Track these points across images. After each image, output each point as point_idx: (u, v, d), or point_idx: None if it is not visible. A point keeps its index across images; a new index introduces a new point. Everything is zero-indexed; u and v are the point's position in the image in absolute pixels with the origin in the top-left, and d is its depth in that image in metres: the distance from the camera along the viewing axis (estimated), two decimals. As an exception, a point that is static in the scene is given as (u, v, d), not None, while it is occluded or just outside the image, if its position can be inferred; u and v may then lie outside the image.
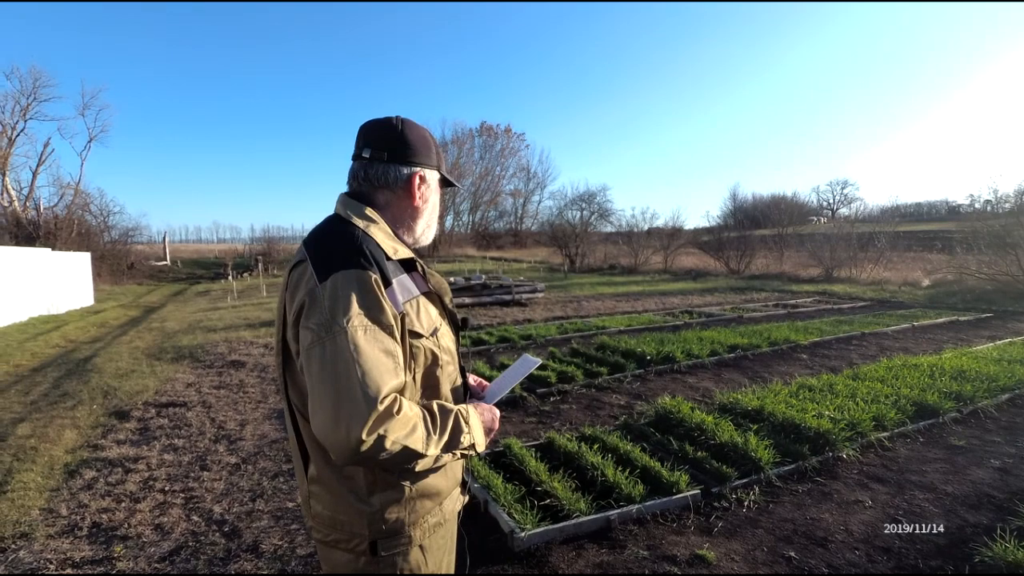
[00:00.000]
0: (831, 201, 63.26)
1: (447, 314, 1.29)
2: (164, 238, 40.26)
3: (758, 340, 7.38)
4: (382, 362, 0.99)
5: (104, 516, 3.19)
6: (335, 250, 1.08)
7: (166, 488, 3.56)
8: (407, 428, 0.99)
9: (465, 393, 1.36)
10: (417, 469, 1.05)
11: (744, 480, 3.34)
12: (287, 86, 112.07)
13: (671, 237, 27.20)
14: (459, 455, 1.12)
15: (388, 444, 0.95)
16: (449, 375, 1.22)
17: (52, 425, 4.84)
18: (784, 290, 15.98)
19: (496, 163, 55.36)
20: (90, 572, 2.65)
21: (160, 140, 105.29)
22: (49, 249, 15.89)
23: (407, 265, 1.19)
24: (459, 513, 1.34)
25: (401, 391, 1.06)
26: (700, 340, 7.23)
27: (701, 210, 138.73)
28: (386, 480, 1.11)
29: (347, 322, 0.99)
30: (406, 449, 0.98)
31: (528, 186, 56.86)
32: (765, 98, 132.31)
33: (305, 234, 1.33)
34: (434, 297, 1.24)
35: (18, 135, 28.08)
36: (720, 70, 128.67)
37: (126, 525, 3.08)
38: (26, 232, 24.70)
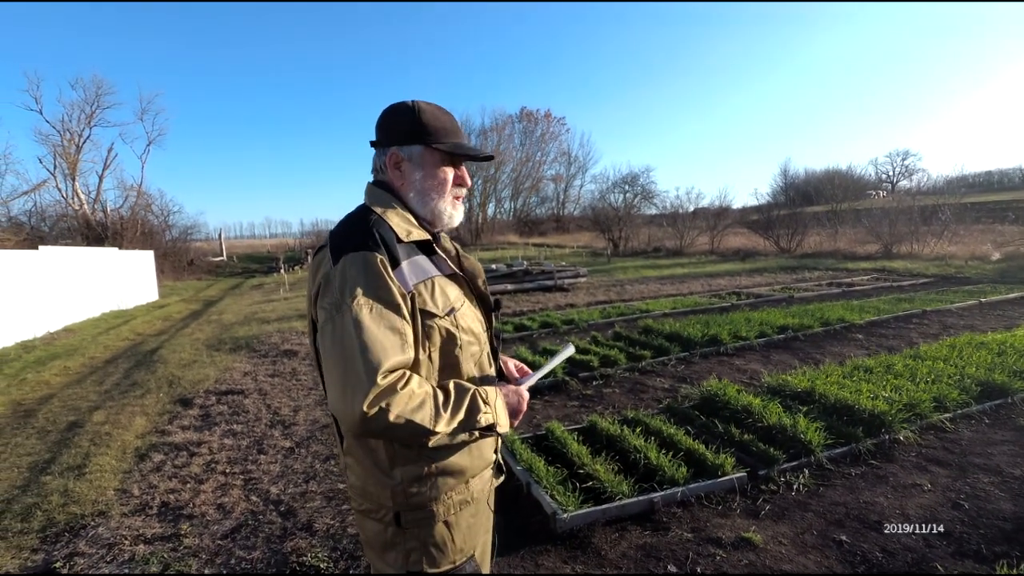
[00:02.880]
0: (891, 173, 59.56)
1: (477, 296, 1.31)
2: (220, 235, 41.99)
3: (810, 320, 7.12)
4: (387, 338, 1.03)
5: (171, 496, 3.41)
6: (347, 234, 1.14)
7: (227, 470, 3.77)
8: (413, 403, 1.02)
9: (499, 375, 1.37)
10: (431, 445, 1.08)
11: (793, 463, 3.25)
12: (331, 81, 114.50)
13: (718, 217, 26.40)
14: (478, 435, 1.14)
15: (391, 417, 0.99)
16: (472, 355, 1.24)
17: (124, 412, 5.18)
18: (839, 268, 15.32)
19: (536, 148, 54.98)
20: (160, 548, 2.84)
21: (214, 140, 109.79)
22: (116, 248, 16.89)
23: (425, 247, 1.22)
24: (492, 495, 1.35)
25: (415, 368, 1.10)
26: (748, 321, 7.03)
27: (749, 188, 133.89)
28: (406, 455, 1.15)
29: (352, 301, 1.04)
30: (411, 423, 1.02)
31: (569, 170, 56.31)
32: (819, 69, 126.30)
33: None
34: (460, 279, 1.26)
35: (85, 142, 29.76)
36: (770, 42, 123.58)
37: (191, 505, 3.28)
38: (95, 233, 26.30)
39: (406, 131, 1.24)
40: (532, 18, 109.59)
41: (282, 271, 27.21)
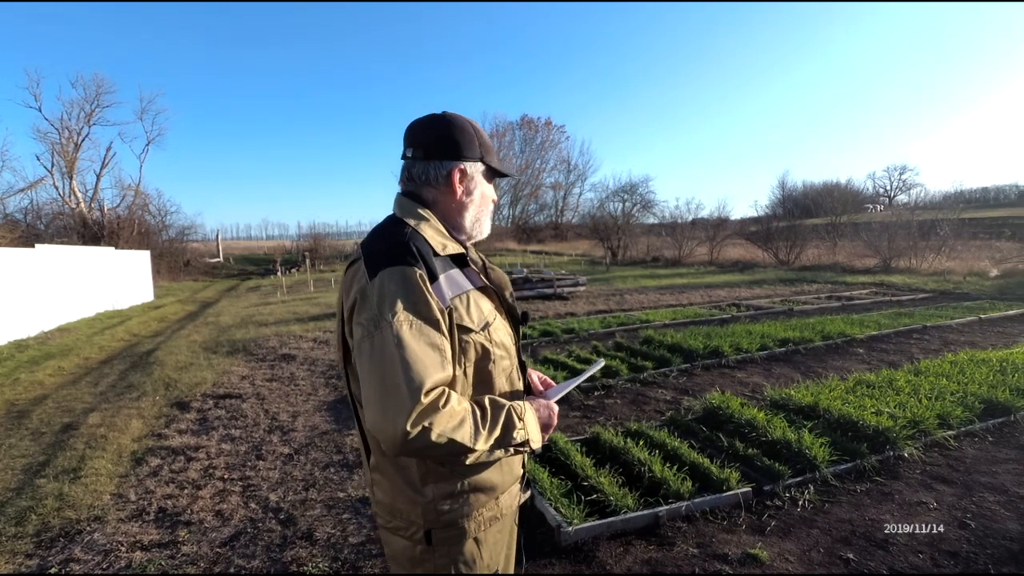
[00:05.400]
0: (888, 188, 60.04)
1: (505, 309, 1.30)
2: (217, 236, 41.92)
3: (810, 334, 7.12)
4: (428, 355, 1.01)
5: (169, 502, 3.36)
6: (383, 248, 1.11)
7: (225, 476, 3.72)
8: (454, 421, 1.00)
9: (526, 388, 1.35)
10: (468, 462, 1.06)
11: (798, 478, 3.23)
12: (331, 84, 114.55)
13: (717, 228, 26.48)
14: (512, 451, 1.12)
15: (434, 436, 0.97)
16: (504, 369, 1.22)
17: (120, 415, 5.12)
18: (838, 281, 15.36)
19: (536, 156, 55.17)
20: (158, 555, 2.79)
21: (213, 141, 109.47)
22: (113, 248, 16.82)
23: (458, 260, 1.20)
24: (517, 510, 1.34)
25: (451, 385, 1.07)
26: (749, 334, 7.02)
27: (748, 200, 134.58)
28: (438, 472, 1.13)
29: (392, 317, 1.01)
30: (452, 442, 0.99)
31: (569, 178, 56.42)
32: (817, 83, 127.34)
33: (359, 232, 1.34)
34: (491, 292, 1.25)
35: (83, 140, 29.77)
36: (769, 54, 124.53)
37: (189, 511, 3.24)
38: (92, 232, 26.21)
39: (471, 147, 1.25)
40: (535, 24, 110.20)
41: (279, 274, 27.14)
